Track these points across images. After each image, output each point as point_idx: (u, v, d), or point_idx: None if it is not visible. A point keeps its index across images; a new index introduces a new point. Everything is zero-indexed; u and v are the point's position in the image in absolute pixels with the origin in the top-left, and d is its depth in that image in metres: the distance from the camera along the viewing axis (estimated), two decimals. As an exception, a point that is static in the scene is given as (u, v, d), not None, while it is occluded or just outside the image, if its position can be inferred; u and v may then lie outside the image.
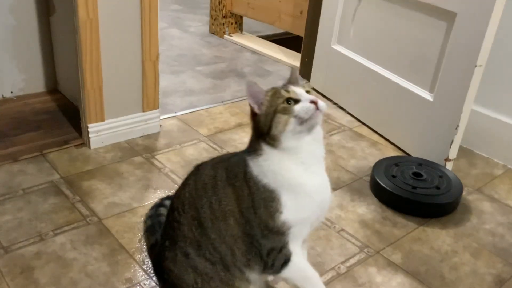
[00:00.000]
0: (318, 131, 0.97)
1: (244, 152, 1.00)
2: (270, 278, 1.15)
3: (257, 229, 0.96)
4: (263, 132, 0.94)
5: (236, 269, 1.00)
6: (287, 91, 0.94)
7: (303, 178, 0.95)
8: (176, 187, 1.54)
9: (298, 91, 0.94)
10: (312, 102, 0.91)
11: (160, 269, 1.09)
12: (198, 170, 1.05)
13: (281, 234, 0.96)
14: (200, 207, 0.99)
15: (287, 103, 0.92)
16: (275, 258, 0.98)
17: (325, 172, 1.00)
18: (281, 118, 0.92)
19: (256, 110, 0.95)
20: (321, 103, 0.92)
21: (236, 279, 1.01)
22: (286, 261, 0.98)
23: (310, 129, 0.94)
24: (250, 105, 0.95)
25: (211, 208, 0.98)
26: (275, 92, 0.95)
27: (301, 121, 0.91)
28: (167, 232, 1.06)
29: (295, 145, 0.94)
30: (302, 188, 0.95)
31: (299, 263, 1.00)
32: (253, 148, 0.98)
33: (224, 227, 0.97)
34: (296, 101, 0.92)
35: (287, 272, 0.99)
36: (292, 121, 0.91)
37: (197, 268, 1.01)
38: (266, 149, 0.95)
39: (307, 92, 0.95)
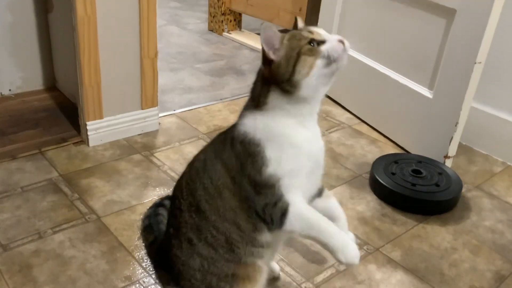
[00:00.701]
0: (331, 83, 0.93)
1: (234, 124, 0.98)
2: (285, 236, 1.07)
3: (249, 189, 0.93)
4: (283, 79, 0.88)
5: (243, 244, 0.97)
6: (310, 31, 0.89)
7: (291, 130, 0.92)
8: (175, 184, 1.54)
9: (321, 32, 0.89)
10: (340, 41, 0.87)
11: (165, 259, 1.08)
12: (194, 159, 1.06)
13: (272, 188, 0.92)
14: (195, 191, 0.99)
15: (310, 45, 0.87)
16: (271, 213, 0.94)
17: (316, 125, 0.98)
18: (306, 60, 0.86)
19: (271, 56, 0.88)
20: (347, 43, 0.88)
21: (242, 256, 0.99)
22: (284, 213, 0.93)
23: (333, 73, 0.90)
24: (264, 51, 0.88)
25: (205, 188, 0.97)
26: (293, 34, 0.89)
27: (328, 62, 0.87)
28: (172, 220, 1.07)
29: (312, 95, 0.90)
30: (287, 138, 0.92)
31: (298, 211, 0.94)
32: (256, 101, 0.94)
33: (221, 203, 0.96)
34: (320, 42, 0.88)
35: (288, 224, 0.93)
36: (319, 63, 0.87)
37: (202, 254, 1.01)
38: (274, 100, 0.91)
39: None
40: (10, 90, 2.12)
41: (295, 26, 0.95)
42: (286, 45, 0.88)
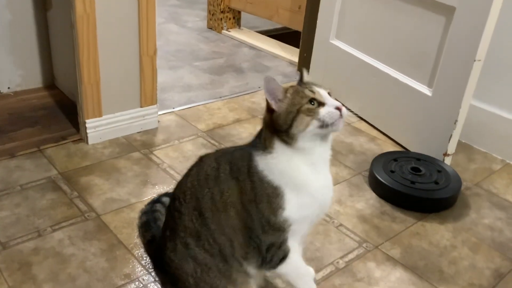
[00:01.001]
0: (330, 139, 0.99)
1: (251, 147, 1.00)
2: (268, 273, 1.15)
3: (258, 224, 0.96)
4: (281, 129, 0.94)
5: (234, 260, 1.01)
6: (312, 91, 0.94)
7: (309, 178, 0.96)
8: (174, 182, 1.54)
9: (322, 93, 0.94)
10: (337, 108, 0.92)
11: (161, 261, 1.09)
12: (201, 161, 1.05)
13: (282, 231, 0.97)
14: (201, 197, 0.99)
15: (311, 103, 0.92)
16: (274, 254, 0.99)
17: (329, 172, 1.02)
18: (304, 118, 0.92)
19: (274, 106, 0.94)
20: (345, 110, 0.93)
21: (233, 271, 1.02)
22: (284, 257, 1.00)
23: (328, 134, 0.96)
24: (267, 100, 0.94)
25: (213, 199, 0.98)
26: (297, 90, 0.94)
27: (323, 125, 0.92)
28: (169, 222, 1.06)
29: (310, 146, 0.95)
30: (307, 188, 0.96)
31: (296, 260, 1.02)
32: (263, 144, 0.97)
33: (224, 218, 0.98)
34: (320, 103, 0.93)
35: (284, 268, 1.01)
36: (315, 123, 0.92)
37: (197, 258, 1.01)
38: (278, 146, 0.95)
39: (329, 94, 0.96)
40: (9, 88, 2.12)
41: (301, 78, 1.00)
42: (288, 99, 0.93)
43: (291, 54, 2.86)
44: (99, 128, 1.80)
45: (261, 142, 0.98)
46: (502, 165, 1.89)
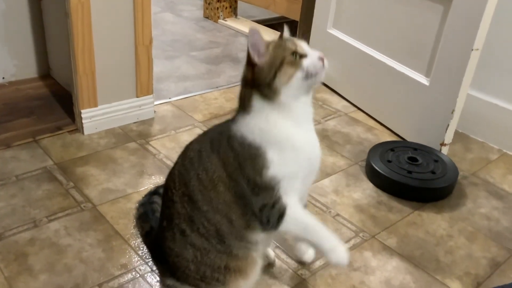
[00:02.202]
0: (311, 93, 0.98)
1: (229, 120, 1.00)
2: (275, 237, 1.12)
3: (247, 188, 0.96)
4: (263, 83, 0.93)
5: (233, 238, 0.99)
6: (294, 43, 0.94)
7: (290, 133, 0.95)
8: (170, 172, 1.54)
9: (304, 46, 0.94)
10: (320, 58, 0.93)
11: (159, 251, 1.08)
12: (187, 148, 1.05)
13: (271, 189, 0.95)
14: (189, 181, 0.99)
15: (293, 56, 0.92)
16: (269, 214, 0.97)
17: (314, 131, 1.01)
18: (288, 70, 0.92)
19: (256, 60, 0.92)
20: (326, 61, 0.94)
21: (233, 248, 1.00)
22: (281, 215, 0.97)
23: (310, 86, 0.95)
24: (249, 54, 0.92)
25: (199, 179, 0.98)
26: (279, 43, 0.94)
27: (307, 76, 0.92)
28: (164, 212, 1.06)
29: (292, 101, 0.94)
30: (289, 142, 0.95)
31: (296, 214, 0.99)
32: (242, 105, 0.97)
33: (215, 196, 0.97)
34: (302, 55, 0.93)
35: (285, 225, 0.98)
36: (299, 74, 0.92)
37: (195, 244, 1.01)
38: (257, 103, 0.94)
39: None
40: (3, 78, 2.10)
41: (281, 35, 0.99)
42: (271, 52, 0.93)
43: (288, 43, 2.84)
44: (95, 118, 1.79)
45: (240, 102, 0.97)
46: (499, 154, 1.89)
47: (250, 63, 0.94)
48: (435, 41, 1.74)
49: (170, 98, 2.11)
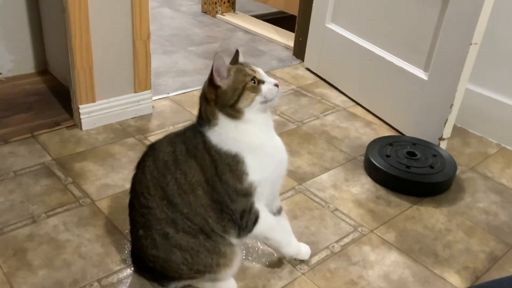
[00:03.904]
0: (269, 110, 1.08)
1: (196, 125, 1.05)
2: (247, 240, 1.22)
3: (225, 196, 1.01)
4: (227, 104, 1.00)
5: (217, 234, 1.05)
6: (253, 70, 1.02)
7: (261, 139, 1.03)
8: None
9: (261, 72, 1.04)
10: (275, 85, 1.02)
11: (141, 261, 1.10)
12: (153, 149, 1.07)
13: (249, 195, 1.03)
14: (166, 185, 1.02)
15: (252, 82, 1.00)
16: (247, 219, 1.06)
17: (276, 135, 1.09)
18: (249, 95, 1.00)
19: (219, 82, 1.00)
20: (280, 87, 1.05)
21: (220, 245, 1.06)
22: (256, 218, 1.07)
23: (268, 107, 1.04)
24: (213, 76, 1.00)
25: (178, 183, 1.01)
26: (240, 69, 1.02)
27: (264, 100, 1.01)
28: (137, 221, 1.07)
29: (255, 118, 1.02)
30: (263, 149, 1.04)
31: (266, 217, 1.09)
32: (206, 119, 1.03)
33: (193, 199, 1.01)
34: (260, 81, 1.02)
35: (258, 228, 1.07)
36: (258, 99, 1.01)
37: (181, 245, 1.03)
38: (222, 118, 1.01)
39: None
40: (1, 73, 2.09)
41: (236, 58, 1.08)
42: (233, 77, 1.01)
43: (286, 38, 2.83)
44: (93, 113, 1.78)
45: (204, 117, 1.03)
46: (497, 149, 1.89)
47: (213, 85, 1.00)
48: (434, 35, 1.74)
49: (168, 93, 2.11)
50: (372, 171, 1.64)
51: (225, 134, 1.01)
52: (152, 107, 1.95)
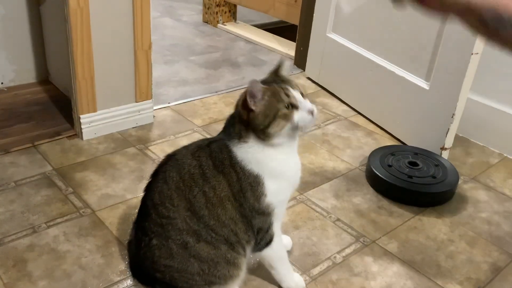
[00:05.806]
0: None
1: (225, 137, 1.05)
2: (251, 256, 1.21)
3: (248, 211, 1.03)
4: (258, 128, 1.00)
5: (240, 246, 1.06)
6: (287, 95, 1.00)
7: (284, 166, 1.05)
8: (170, 178, 1.53)
9: (297, 95, 1.01)
10: (310, 111, 1.01)
11: (143, 272, 1.08)
12: (175, 160, 1.06)
13: (267, 215, 1.06)
14: (193, 197, 1.02)
15: (286, 108, 0.99)
16: (262, 237, 1.08)
17: (297, 155, 1.10)
18: (280, 122, 0.99)
19: (252, 106, 0.99)
20: (316, 112, 1.02)
21: (239, 256, 1.07)
22: (270, 241, 1.09)
23: (298, 132, 1.04)
24: (247, 101, 0.99)
25: (206, 196, 1.02)
26: (274, 93, 1.00)
27: (296, 127, 1.01)
28: (152, 230, 1.04)
29: (283, 142, 1.03)
30: (284, 175, 1.06)
31: (279, 244, 1.12)
32: (237, 134, 1.03)
33: (222, 212, 1.02)
34: (294, 106, 1.00)
35: (268, 251, 1.10)
36: (289, 126, 1.01)
37: (200, 256, 1.03)
38: (253, 139, 1.02)
39: (302, 94, 1.03)
40: (2, 83, 2.09)
41: (277, 70, 1.07)
42: (266, 101, 0.99)
43: (287, 47, 2.84)
44: (94, 123, 1.78)
45: (235, 132, 1.03)
46: (499, 159, 1.88)
47: (246, 107, 1.00)
48: (435, 45, 1.74)
49: (169, 103, 2.11)
50: (374, 181, 1.64)
51: (251, 153, 1.02)
52: (153, 117, 1.95)
